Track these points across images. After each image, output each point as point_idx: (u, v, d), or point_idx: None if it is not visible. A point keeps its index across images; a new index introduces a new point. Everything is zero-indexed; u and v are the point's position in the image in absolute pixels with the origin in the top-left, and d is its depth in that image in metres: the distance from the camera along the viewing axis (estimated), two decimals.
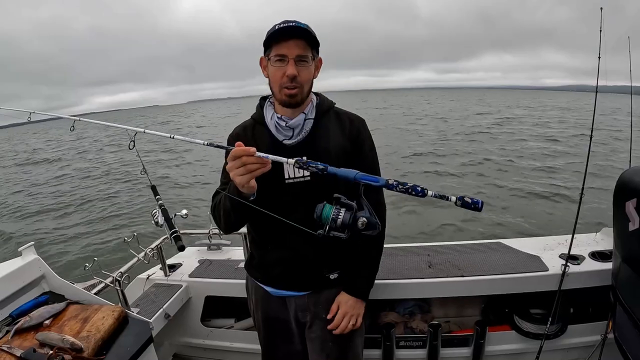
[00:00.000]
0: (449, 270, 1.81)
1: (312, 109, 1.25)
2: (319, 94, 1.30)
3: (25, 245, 1.59)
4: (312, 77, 1.19)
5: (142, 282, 2.01)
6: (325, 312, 1.34)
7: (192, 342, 2.09)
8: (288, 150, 1.21)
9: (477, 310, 2.03)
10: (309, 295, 1.34)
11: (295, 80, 1.13)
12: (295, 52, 1.11)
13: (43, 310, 1.37)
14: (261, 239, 1.34)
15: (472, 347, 1.88)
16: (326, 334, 1.34)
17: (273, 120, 1.23)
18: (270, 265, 1.33)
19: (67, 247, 5.80)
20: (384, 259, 1.93)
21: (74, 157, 16.98)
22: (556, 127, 17.19)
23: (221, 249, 2.25)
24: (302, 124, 1.22)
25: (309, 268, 1.31)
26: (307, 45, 1.12)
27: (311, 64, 1.15)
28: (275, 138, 1.23)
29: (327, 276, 1.33)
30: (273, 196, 1.18)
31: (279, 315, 1.39)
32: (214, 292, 1.98)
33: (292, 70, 1.11)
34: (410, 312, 2.01)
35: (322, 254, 1.30)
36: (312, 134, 1.23)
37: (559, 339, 1.80)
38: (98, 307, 1.39)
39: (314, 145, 1.22)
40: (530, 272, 1.74)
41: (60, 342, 1.19)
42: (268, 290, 1.37)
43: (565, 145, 11.95)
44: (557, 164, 9.52)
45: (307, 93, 1.20)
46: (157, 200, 1.74)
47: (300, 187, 1.22)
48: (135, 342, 1.29)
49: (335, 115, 1.29)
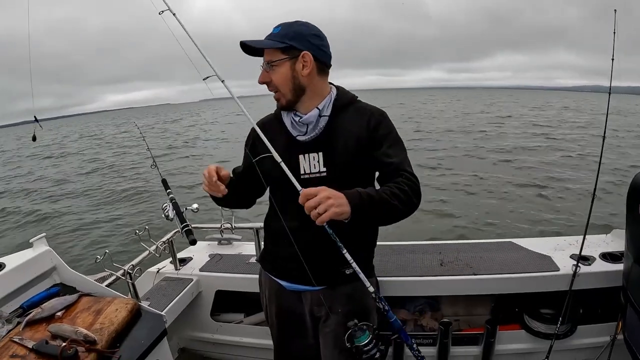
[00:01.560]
0: (461, 268, 1.79)
1: (328, 104, 1.22)
2: (339, 88, 1.27)
3: (37, 237, 1.56)
4: (289, 77, 1.16)
5: (152, 276, 1.99)
6: (340, 306, 1.32)
7: (201, 336, 2.07)
8: (302, 146, 1.21)
9: (487, 309, 2.01)
10: (324, 290, 1.32)
11: (270, 85, 1.18)
12: (265, 59, 1.17)
13: (55, 302, 1.33)
14: (276, 234, 1.32)
15: (482, 346, 1.86)
16: (340, 329, 1.31)
17: (289, 116, 1.23)
18: (285, 260, 1.31)
19: (77, 239, 5.76)
20: (393, 255, 1.91)
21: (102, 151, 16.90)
22: (570, 127, 16.96)
23: (232, 244, 2.23)
24: (315, 121, 1.20)
25: (324, 263, 1.28)
26: (273, 50, 1.15)
27: (283, 65, 1.15)
28: (290, 134, 1.22)
29: (343, 271, 1.30)
30: (288, 191, 1.15)
31: (293, 309, 1.37)
32: (224, 286, 1.96)
33: (260, 78, 1.19)
34: (420, 310, 1.98)
35: (338, 249, 1.25)
36: (327, 131, 1.21)
37: (569, 339, 1.77)
38: (111, 300, 1.36)
39: (329, 142, 1.20)
40: (541, 272, 1.73)
41: (74, 334, 1.15)
42: (283, 284, 1.35)
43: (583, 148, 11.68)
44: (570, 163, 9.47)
45: (293, 92, 1.18)
46: (167, 194, 1.70)
47: (316, 183, 1.17)
48: (149, 335, 1.26)
49: (354, 110, 1.25)
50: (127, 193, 8.43)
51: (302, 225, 1.21)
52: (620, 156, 9.82)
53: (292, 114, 1.21)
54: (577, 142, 12.39)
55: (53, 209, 7.67)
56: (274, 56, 1.15)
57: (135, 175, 10.34)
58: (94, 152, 16.72)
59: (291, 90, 1.18)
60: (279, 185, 1.20)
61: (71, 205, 8.00)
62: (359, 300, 1.35)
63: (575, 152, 10.86)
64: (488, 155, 10.74)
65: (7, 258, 1.51)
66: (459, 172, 8.67)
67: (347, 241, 1.21)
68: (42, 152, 18.46)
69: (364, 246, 1.36)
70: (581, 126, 17.30)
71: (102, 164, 12.88)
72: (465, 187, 7.50)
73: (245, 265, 1.98)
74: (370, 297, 1.39)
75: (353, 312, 1.33)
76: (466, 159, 10.33)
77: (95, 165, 12.95)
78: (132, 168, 11.49)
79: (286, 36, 1.14)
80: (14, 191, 10.14)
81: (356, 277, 1.28)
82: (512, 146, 11.92)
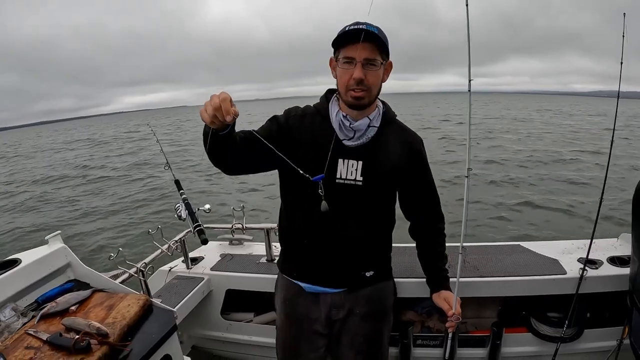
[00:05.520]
0: (468, 270, 1.75)
1: (377, 117, 1.20)
2: (385, 103, 1.25)
3: (52, 234, 1.56)
4: (380, 81, 1.14)
5: (164, 274, 1.98)
6: (359, 307, 1.29)
7: (211, 334, 2.04)
8: (346, 151, 1.17)
9: (494, 311, 1.96)
10: (345, 292, 1.29)
11: (362, 83, 1.08)
12: (363, 55, 1.06)
13: (69, 297, 1.33)
14: (296, 235, 1.28)
15: (488, 348, 1.82)
16: (358, 328, 1.30)
17: (338, 117, 1.17)
18: (306, 261, 1.28)
19: (91, 237, 5.77)
20: (403, 257, 1.88)
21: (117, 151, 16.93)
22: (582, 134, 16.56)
23: (242, 244, 2.21)
24: (365, 129, 1.17)
25: (346, 265, 1.26)
26: (375, 49, 1.07)
27: (379, 68, 1.10)
28: (336, 135, 1.17)
29: (364, 274, 1.29)
30: (313, 193, 1.12)
31: (309, 314, 1.32)
32: (235, 285, 1.93)
33: (359, 74, 1.07)
34: (427, 311, 1.95)
35: (360, 252, 1.26)
36: (373, 142, 1.18)
37: (575, 342, 1.73)
38: (123, 295, 1.35)
39: (373, 154, 1.17)
40: (549, 275, 1.69)
41: (87, 327, 1.14)
42: (302, 286, 1.31)
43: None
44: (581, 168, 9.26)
45: (375, 97, 1.15)
46: (180, 195, 1.70)
47: (349, 190, 1.17)
48: (159, 330, 1.25)
49: (398, 129, 1.24)
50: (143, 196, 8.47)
51: (324, 228, 1.20)
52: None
53: (342, 116, 1.16)
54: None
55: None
56: (375, 55, 1.08)
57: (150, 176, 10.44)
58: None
59: (376, 94, 1.15)
60: (303, 185, 1.13)
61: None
62: (378, 301, 1.34)
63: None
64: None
65: (23, 254, 1.51)
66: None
67: (368, 246, 1.25)
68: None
69: (383, 250, 1.35)
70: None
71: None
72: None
73: (255, 265, 1.96)
74: (389, 298, 1.39)
75: (372, 313, 1.32)
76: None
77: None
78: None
79: (386, 39, 1.10)
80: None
81: (376, 279, 1.31)
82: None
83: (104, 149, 18.38)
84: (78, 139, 27.25)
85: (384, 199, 1.24)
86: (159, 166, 9.21)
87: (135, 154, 15.19)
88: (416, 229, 1.38)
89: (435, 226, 1.35)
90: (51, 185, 10.35)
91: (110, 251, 1.65)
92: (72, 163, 14.20)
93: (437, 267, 1.37)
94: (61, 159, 16.26)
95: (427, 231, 1.37)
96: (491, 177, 8.17)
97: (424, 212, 1.34)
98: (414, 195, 1.30)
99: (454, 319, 1.29)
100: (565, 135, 15.59)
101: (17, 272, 1.39)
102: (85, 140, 25.76)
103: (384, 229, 1.30)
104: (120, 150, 17.07)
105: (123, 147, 17.95)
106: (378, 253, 1.31)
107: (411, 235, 1.40)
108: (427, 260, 1.40)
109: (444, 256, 1.37)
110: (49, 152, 19.59)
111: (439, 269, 1.37)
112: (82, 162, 13.86)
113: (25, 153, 21.14)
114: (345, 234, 1.19)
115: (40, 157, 17.80)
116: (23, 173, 13.15)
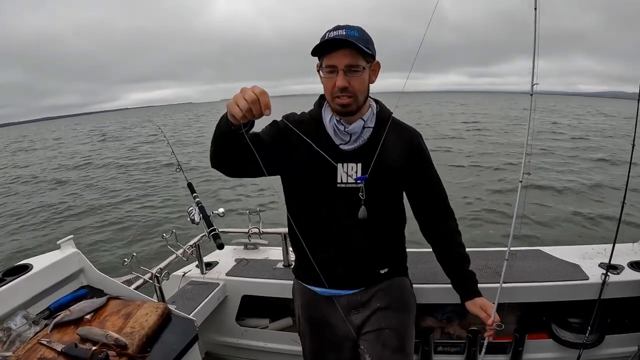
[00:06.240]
0: (489, 276, 1.70)
1: (372, 117, 1.18)
2: (379, 102, 1.23)
3: (65, 239, 1.50)
4: (366, 84, 1.11)
5: (178, 280, 1.92)
6: (378, 301, 1.26)
7: (225, 340, 1.98)
8: (343, 155, 1.15)
9: (513, 317, 1.91)
10: (361, 292, 1.26)
11: (347, 90, 1.06)
12: (344, 62, 1.04)
13: (84, 305, 1.26)
14: (310, 240, 1.23)
15: (510, 355, 1.78)
16: (381, 323, 1.25)
17: (332, 122, 1.15)
18: (319, 265, 1.22)
19: (102, 243, 5.64)
20: (422, 263, 1.82)
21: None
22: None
23: (258, 249, 2.15)
24: (360, 131, 1.15)
25: (360, 266, 1.24)
26: (357, 54, 1.04)
27: (363, 72, 1.07)
28: (332, 140, 1.16)
29: (378, 271, 1.26)
30: (323, 199, 1.16)
31: (327, 319, 1.29)
32: (251, 291, 1.88)
33: (341, 82, 1.05)
34: (447, 318, 1.90)
35: (372, 254, 1.23)
36: (369, 143, 1.16)
37: (596, 348, 1.70)
38: (140, 303, 1.28)
39: (371, 155, 1.15)
40: (571, 281, 1.65)
41: (104, 337, 1.08)
42: (316, 290, 1.28)
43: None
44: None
45: (363, 100, 1.13)
46: (194, 198, 1.64)
47: (351, 193, 1.15)
48: (180, 340, 1.18)
49: (394, 127, 1.20)
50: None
51: (337, 230, 1.19)
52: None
53: (335, 121, 1.14)
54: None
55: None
56: (357, 61, 1.05)
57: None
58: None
59: (364, 98, 1.13)
60: (314, 191, 1.16)
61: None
62: (396, 292, 1.30)
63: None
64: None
65: (34, 259, 1.45)
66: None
67: (380, 247, 1.23)
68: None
69: (396, 248, 1.32)
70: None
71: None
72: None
73: (272, 270, 1.91)
74: (409, 291, 1.35)
75: (394, 305, 1.27)
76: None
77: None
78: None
79: (368, 42, 1.07)
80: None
81: (390, 275, 1.29)
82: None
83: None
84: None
85: (389, 199, 1.22)
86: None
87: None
88: (427, 228, 1.33)
89: (446, 224, 1.30)
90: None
91: (120, 257, 1.57)
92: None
93: (464, 271, 1.31)
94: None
95: (438, 230, 1.31)
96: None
97: (431, 209, 1.29)
98: (419, 192, 1.27)
99: (496, 326, 1.24)
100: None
101: (28, 278, 1.33)
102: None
103: (394, 228, 1.27)
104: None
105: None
106: (391, 252, 1.28)
107: (424, 236, 1.36)
108: (450, 263, 1.33)
109: (466, 258, 1.31)
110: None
111: (467, 273, 1.31)
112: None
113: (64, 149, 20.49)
114: (354, 238, 1.18)
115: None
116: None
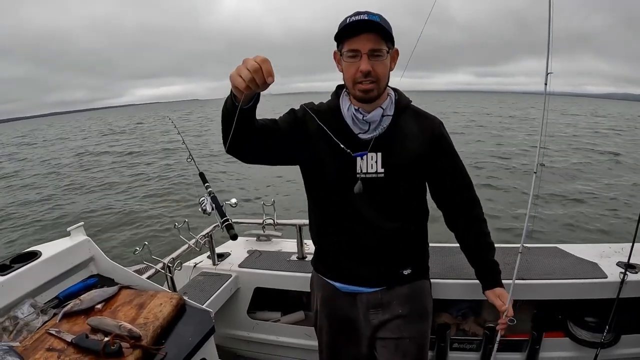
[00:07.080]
0: (506, 272, 1.64)
1: (390, 105, 1.14)
2: (397, 90, 1.19)
3: (75, 226, 1.44)
4: (387, 71, 1.08)
5: (189, 270, 1.86)
6: (401, 307, 1.21)
7: (236, 333, 1.93)
8: (362, 144, 1.11)
9: (529, 315, 1.86)
10: (382, 291, 1.21)
11: (370, 75, 1.03)
12: (368, 46, 1.01)
13: (94, 294, 1.20)
14: (330, 233, 1.21)
15: (526, 353, 1.74)
16: (402, 332, 1.21)
17: (350, 111, 1.12)
18: (341, 260, 1.21)
19: (112, 231, 5.65)
20: (439, 257, 1.77)
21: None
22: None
23: (271, 240, 2.09)
24: (379, 120, 1.11)
25: (382, 264, 1.19)
26: (380, 39, 1.01)
27: (386, 57, 1.04)
28: (350, 130, 1.13)
29: (401, 272, 1.21)
30: (343, 189, 1.12)
31: (347, 314, 1.25)
32: (264, 283, 1.82)
33: (366, 66, 1.02)
34: (463, 314, 1.85)
35: (394, 249, 1.19)
36: (389, 131, 1.13)
37: (612, 348, 1.66)
38: (154, 293, 1.22)
39: (391, 143, 1.12)
40: (589, 279, 1.60)
41: (117, 328, 1.01)
42: (337, 286, 1.24)
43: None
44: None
45: (384, 87, 1.10)
46: (206, 188, 1.58)
47: (372, 183, 1.11)
48: (196, 332, 1.12)
49: (413, 114, 1.17)
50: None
51: (359, 226, 1.15)
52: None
53: (354, 110, 1.10)
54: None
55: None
56: (380, 45, 1.02)
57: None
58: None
59: (385, 84, 1.09)
60: (333, 182, 1.13)
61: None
62: (418, 300, 1.26)
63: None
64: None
65: (43, 246, 1.39)
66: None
67: (402, 241, 1.19)
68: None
69: (419, 244, 1.28)
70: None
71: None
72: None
73: (286, 262, 1.85)
74: (428, 297, 1.31)
75: (415, 313, 1.24)
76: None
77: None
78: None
79: (389, 27, 1.03)
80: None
81: (413, 277, 1.24)
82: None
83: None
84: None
85: (410, 189, 1.18)
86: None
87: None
88: (452, 218, 1.27)
89: (472, 212, 1.25)
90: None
91: (129, 245, 1.52)
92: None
93: (488, 260, 1.27)
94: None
95: (464, 219, 1.26)
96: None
97: (457, 200, 1.24)
98: (443, 182, 1.22)
99: (508, 320, 1.23)
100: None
101: (36, 266, 1.26)
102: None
103: (416, 221, 1.23)
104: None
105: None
106: (414, 248, 1.24)
107: (449, 227, 1.30)
108: (475, 252, 1.29)
109: (492, 247, 1.27)
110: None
111: (492, 263, 1.27)
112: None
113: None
114: (375, 230, 1.15)
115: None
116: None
